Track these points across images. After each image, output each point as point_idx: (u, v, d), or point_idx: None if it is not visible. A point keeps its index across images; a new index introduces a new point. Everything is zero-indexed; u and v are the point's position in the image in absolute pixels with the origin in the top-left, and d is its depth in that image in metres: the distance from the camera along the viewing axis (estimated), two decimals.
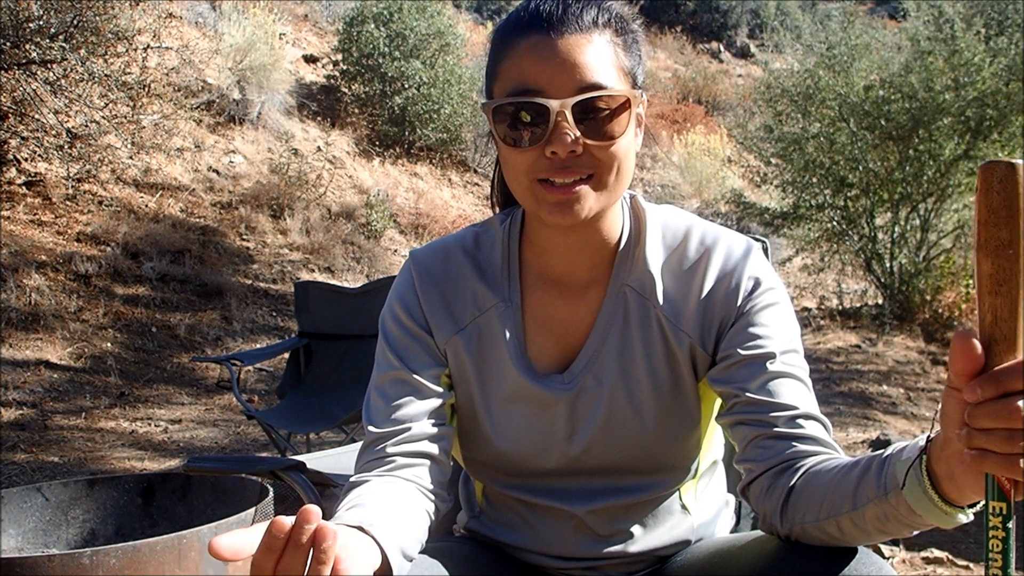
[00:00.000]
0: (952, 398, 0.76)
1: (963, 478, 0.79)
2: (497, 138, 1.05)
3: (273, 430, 4.00)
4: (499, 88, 1.05)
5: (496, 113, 1.03)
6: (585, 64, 1.01)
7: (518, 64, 1.03)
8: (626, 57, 1.05)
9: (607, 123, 1.01)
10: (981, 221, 0.71)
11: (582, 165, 1.02)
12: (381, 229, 9.12)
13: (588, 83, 1.00)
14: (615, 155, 1.03)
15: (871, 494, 0.90)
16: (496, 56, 1.07)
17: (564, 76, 1.00)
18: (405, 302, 1.17)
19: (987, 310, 0.72)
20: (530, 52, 1.02)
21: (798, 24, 12.68)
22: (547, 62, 1.01)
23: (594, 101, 1.00)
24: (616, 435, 1.13)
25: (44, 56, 6.45)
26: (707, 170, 12.43)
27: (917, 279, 8.55)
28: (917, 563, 3.16)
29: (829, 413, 5.70)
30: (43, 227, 7.03)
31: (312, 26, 12.69)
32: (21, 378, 5.47)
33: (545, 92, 1.00)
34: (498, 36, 1.08)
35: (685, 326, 1.12)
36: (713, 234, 1.14)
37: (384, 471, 1.08)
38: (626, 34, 1.06)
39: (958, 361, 0.73)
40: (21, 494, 1.94)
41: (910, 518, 0.87)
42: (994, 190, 0.70)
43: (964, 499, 0.83)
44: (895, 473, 0.87)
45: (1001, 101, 7.90)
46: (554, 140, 1.00)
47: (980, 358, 0.72)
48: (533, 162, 1.02)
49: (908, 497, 0.85)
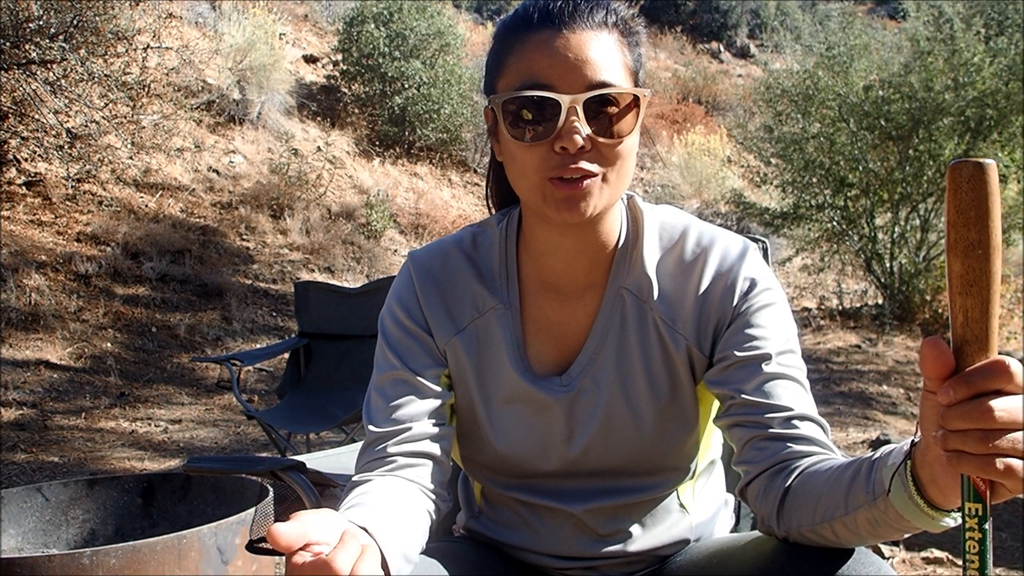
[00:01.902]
0: (928, 401, 0.76)
1: (944, 481, 0.79)
2: (503, 134, 1.04)
3: (273, 430, 4.00)
4: (504, 84, 1.05)
5: (504, 108, 1.03)
6: (595, 61, 1.01)
7: (527, 59, 1.02)
8: (631, 56, 1.06)
9: (616, 121, 1.01)
10: (950, 221, 0.71)
11: (589, 161, 1.01)
12: (381, 229, 9.12)
13: (598, 80, 1.00)
14: (621, 153, 1.03)
15: (861, 499, 0.90)
16: (501, 51, 1.06)
17: (575, 72, 1.00)
18: (405, 303, 1.17)
19: (958, 311, 0.72)
20: (540, 47, 1.02)
21: (798, 24, 12.69)
22: (557, 57, 1.00)
23: (605, 98, 1.00)
24: (614, 437, 1.13)
25: (44, 56, 6.45)
26: (707, 170, 12.43)
27: (917, 279, 8.55)
28: (917, 563, 3.16)
29: (829, 413, 5.72)
30: (43, 227, 7.03)
31: (312, 26, 12.69)
32: (21, 378, 5.47)
33: (556, 87, 1.00)
34: (504, 31, 1.07)
35: (681, 328, 1.12)
36: (710, 235, 1.14)
37: (385, 471, 1.08)
38: (631, 34, 1.07)
39: (928, 364, 0.73)
40: (21, 494, 1.94)
41: (899, 522, 0.87)
42: (963, 190, 0.70)
43: (948, 503, 0.82)
44: (881, 478, 0.87)
45: (1001, 101, 7.90)
46: (564, 136, 0.99)
47: (950, 360, 0.72)
48: (542, 158, 1.02)
49: (894, 502, 0.85)
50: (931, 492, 0.82)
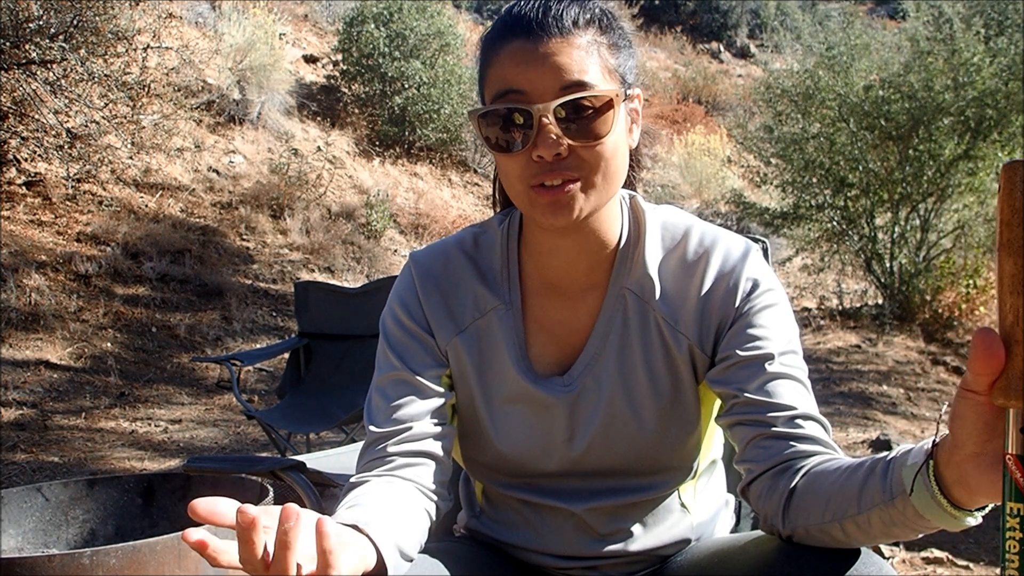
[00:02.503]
0: (968, 400, 0.74)
1: (977, 481, 0.78)
2: (487, 145, 1.06)
3: (273, 430, 4.00)
4: (487, 95, 1.06)
5: (483, 120, 1.04)
6: (566, 66, 1.00)
7: (501, 70, 1.03)
8: (612, 55, 1.05)
9: (591, 123, 1.01)
10: (1004, 221, 0.70)
11: (569, 167, 1.01)
12: (381, 229, 9.12)
13: (569, 83, 1.00)
14: (601, 155, 1.02)
15: (876, 499, 0.89)
16: (483, 63, 1.08)
17: (545, 79, 1.00)
18: (406, 303, 1.17)
19: (1008, 310, 0.71)
20: (512, 57, 1.02)
21: (798, 24, 12.69)
22: (528, 65, 1.01)
23: (577, 102, 1.00)
24: (615, 437, 1.13)
25: (44, 56, 6.45)
26: (707, 170, 12.43)
27: (917, 279, 8.55)
28: (917, 563, 3.16)
29: (829, 413, 5.71)
30: (43, 227, 7.03)
31: (312, 26, 12.69)
32: (21, 378, 5.47)
33: (528, 96, 1.01)
34: (484, 43, 1.08)
35: (683, 328, 1.12)
36: (712, 235, 1.14)
37: (384, 471, 1.08)
38: (611, 31, 1.06)
39: (979, 360, 0.71)
40: (21, 494, 1.94)
41: (917, 522, 0.87)
42: (1018, 189, 0.69)
43: (974, 503, 0.82)
44: (901, 479, 0.87)
45: (1001, 101, 7.90)
46: (539, 143, 1.00)
47: (1003, 358, 0.71)
48: (523, 167, 1.02)
49: (916, 502, 0.85)
50: (956, 492, 0.82)
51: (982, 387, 0.72)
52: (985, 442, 0.76)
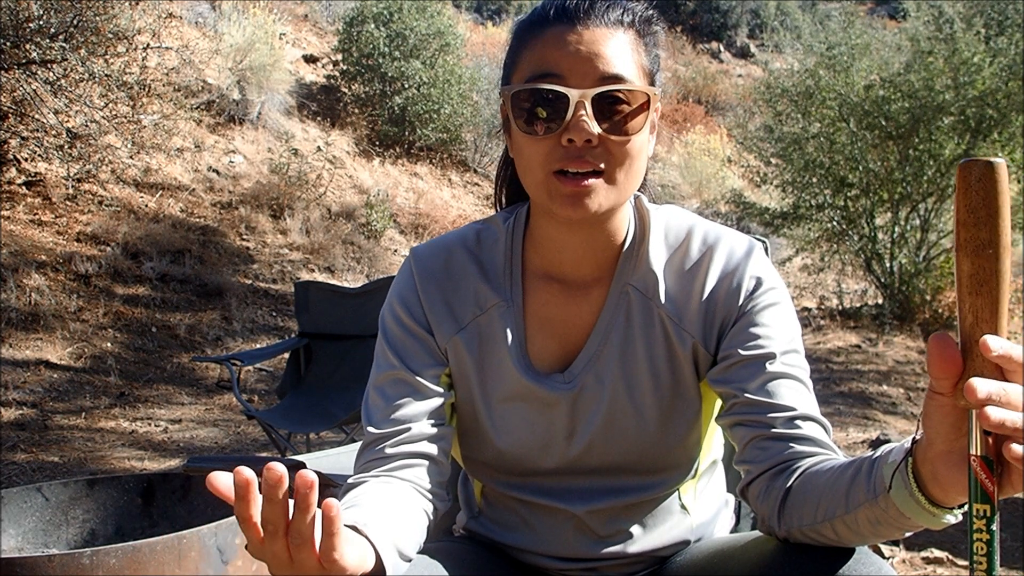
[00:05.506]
0: (935, 402, 0.75)
1: (947, 479, 0.79)
2: (513, 126, 1.05)
3: (273, 430, 4.00)
4: (518, 77, 1.05)
5: (514, 100, 1.03)
6: (608, 56, 1.01)
7: (540, 52, 1.03)
8: (648, 58, 1.06)
9: (625, 117, 1.01)
10: (960, 221, 0.70)
11: (596, 157, 1.01)
12: (381, 229, 9.12)
13: (609, 75, 1.01)
14: (629, 152, 1.02)
15: (862, 498, 0.90)
16: (518, 47, 1.07)
17: (586, 66, 1.00)
18: (405, 301, 1.16)
19: (968, 311, 0.71)
20: (554, 41, 1.02)
21: (798, 24, 12.68)
22: (569, 50, 1.01)
23: (614, 94, 1.00)
24: (616, 435, 1.13)
25: (44, 56, 6.45)
26: (707, 170, 12.43)
27: (917, 279, 8.55)
28: (917, 563, 3.16)
29: (829, 413, 5.71)
30: (43, 227, 7.03)
31: (312, 26, 12.69)
32: (21, 378, 5.47)
33: (566, 81, 1.00)
34: (521, 28, 1.08)
35: (688, 326, 1.12)
36: (715, 233, 1.14)
37: (382, 471, 1.08)
38: (648, 35, 1.07)
39: (936, 365, 0.72)
40: (21, 494, 1.94)
41: (900, 520, 0.87)
42: (972, 189, 0.70)
43: (950, 500, 0.82)
44: (882, 476, 0.87)
45: (1001, 101, 7.90)
46: (572, 128, 1.00)
47: (959, 361, 0.72)
48: (549, 151, 1.02)
49: (895, 499, 0.85)
50: (932, 489, 0.82)
51: (945, 389, 0.73)
52: (953, 441, 0.77)
